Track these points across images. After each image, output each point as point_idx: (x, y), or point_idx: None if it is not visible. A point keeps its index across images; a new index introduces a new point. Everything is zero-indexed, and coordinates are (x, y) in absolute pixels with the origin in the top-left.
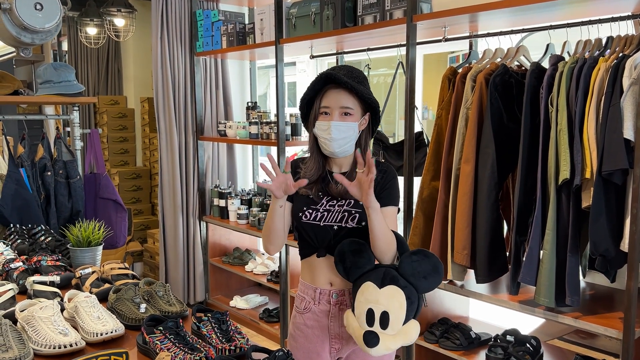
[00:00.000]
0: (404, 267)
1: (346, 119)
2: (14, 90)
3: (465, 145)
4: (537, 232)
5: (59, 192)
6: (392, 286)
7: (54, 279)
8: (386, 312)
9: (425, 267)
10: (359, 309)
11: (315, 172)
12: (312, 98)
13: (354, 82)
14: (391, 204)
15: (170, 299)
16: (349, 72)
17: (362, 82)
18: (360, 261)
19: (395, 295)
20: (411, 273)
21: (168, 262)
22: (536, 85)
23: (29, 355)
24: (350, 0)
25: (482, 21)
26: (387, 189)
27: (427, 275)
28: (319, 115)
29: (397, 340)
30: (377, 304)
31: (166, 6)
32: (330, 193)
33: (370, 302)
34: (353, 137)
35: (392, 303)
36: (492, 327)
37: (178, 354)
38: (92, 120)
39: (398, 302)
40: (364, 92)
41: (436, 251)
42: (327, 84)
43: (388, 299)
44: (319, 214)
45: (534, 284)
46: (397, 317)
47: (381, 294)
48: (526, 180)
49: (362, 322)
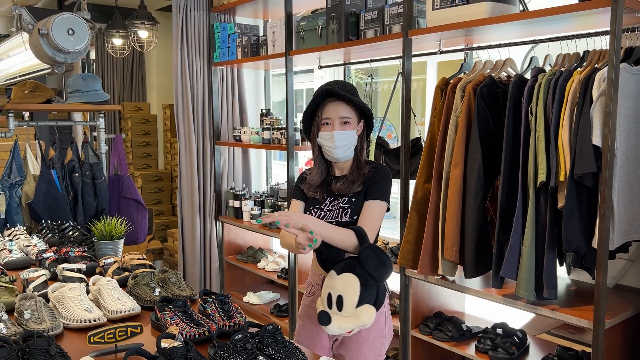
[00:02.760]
0: (361, 258)
1: (346, 128)
2: (47, 99)
3: (455, 150)
4: (517, 230)
5: (86, 191)
6: (348, 274)
7: (80, 266)
8: (341, 295)
9: (374, 262)
10: (322, 294)
11: (319, 177)
12: (313, 111)
13: (349, 94)
14: (375, 198)
15: (181, 285)
16: (343, 86)
17: (355, 93)
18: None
19: (350, 281)
20: (367, 264)
21: (186, 260)
22: (518, 95)
23: (59, 327)
24: (354, 15)
25: (475, 35)
26: (375, 185)
27: (378, 268)
28: (322, 126)
29: (350, 322)
30: (334, 288)
31: (186, 19)
32: (332, 194)
33: (329, 287)
34: (353, 143)
35: (346, 288)
36: (485, 322)
37: (185, 328)
38: (118, 126)
39: (352, 287)
40: (359, 102)
41: (428, 248)
42: (326, 98)
43: (343, 285)
44: (322, 213)
45: (515, 278)
46: (350, 301)
47: (338, 280)
48: (509, 182)
49: (324, 304)
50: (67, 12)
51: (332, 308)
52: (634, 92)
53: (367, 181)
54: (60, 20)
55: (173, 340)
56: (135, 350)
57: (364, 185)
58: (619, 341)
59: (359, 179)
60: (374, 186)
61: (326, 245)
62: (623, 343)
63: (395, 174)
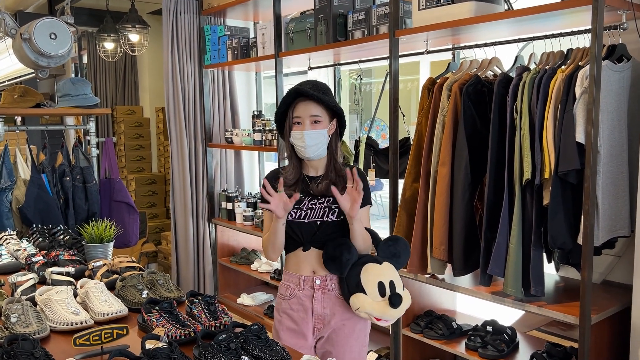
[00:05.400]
0: (382, 252)
1: (316, 127)
2: (37, 104)
3: (442, 149)
4: (504, 227)
5: (77, 195)
6: (386, 262)
7: (69, 270)
8: (392, 281)
9: (397, 248)
10: (370, 286)
11: (294, 176)
12: (284, 111)
13: (319, 94)
14: (367, 204)
15: (169, 287)
16: (315, 86)
17: (327, 92)
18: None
19: (392, 268)
20: (389, 255)
21: (180, 262)
22: (503, 93)
23: (45, 330)
24: (342, 16)
25: (462, 34)
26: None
27: (400, 253)
28: (293, 125)
29: (405, 303)
30: (383, 276)
31: (176, 22)
32: (311, 193)
33: (378, 276)
34: (324, 142)
35: (393, 273)
36: (476, 319)
37: (170, 329)
38: (111, 129)
39: (395, 273)
40: (329, 101)
41: (417, 247)
42: (297, 98)
43: (389, 271)
44: (303, 212)
45: (502, 276)
46: (399, 284)
47: (383, 268)
48: (495, 180)
49: (375, 295)
50: (49, 17)
51: (385, 295)
52: (616, 89)
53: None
54: (42, 24)
55: (158, 342)
56: (120, 351)
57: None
58: (605, 336)
59: (340, 181)
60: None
61: (343, 246)
62: (610, 338)
63: (385, 173)
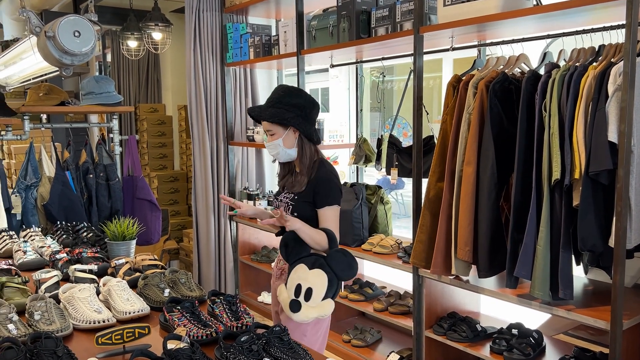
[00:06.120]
0: (330, 258)
1: (272, 139)
2: (61, 101)
3: (467, 148)
4: (532, 229)
5: (100, 192)
6: (319, 270)
7: (92, 267)
8: (311, 288)
9: (343, 263)
10: (290, 283)
11: (280, 173)
12: None
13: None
14: (325, 205)
15: (191, 286)
16: (269, 97)
17: (279, 101)
18: (298, 249)
19: (320, 276)
20: (334, 264)
21: (201, 260)
22: (532, 91)
23: (68, 328)
24: (365, 13)
25: (488, 31)
26: (319, 193)
27: (344, 269)
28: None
29: (315, 312)
30: (305, 280)
31: (199, 20)
32: (284, 187)
33: (301, 279)
34: (283, 148)
35: (316, 282)
36: (500, 322)
37: (192, 329)
38: (134, 127)
39: (321, 282)
40: (266, 116)
41: (441, 247)
42: None
43: (314, 278)
44: (278, 203)
45: (529, 278)
46: (318, 293)
47: (310, 274)
48: (523, 180)
49: (291, 293)
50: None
51: (299, 297)
52: None
53: (311, 186)
54: (66, 22)
55: (179, 342)
56: (142, 351)
57: (308, 187)
58: (637, 342)
59: (303, 180)
60: (320, 195)
61: (296, 239)
62: None
63: (408, 172)
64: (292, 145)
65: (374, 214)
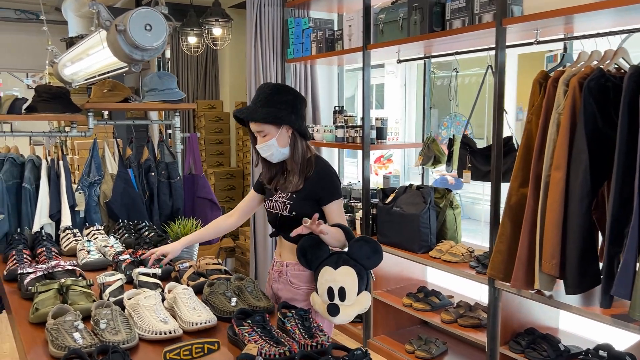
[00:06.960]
0: (351, 251)
1: (264, 140)
2: (124, 98)
3: (557, 151)
4: (633, 243)
5: (162, 191)
6: (344, 266)
7: (156, 271)
8: (342, 287)
9: (366, 250)
10: (321, 289)
11: (266, 175)
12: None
13: (248, 112)
14: (333, 200)
15: (258, 295)
16: (256, 97)
17: (269, 100)
18: (318, 253)
19: (349, 273)
20: (358, 255)
21: (258, 258)
22: (635, 89)
23: (134, 339)
24: (439, 4)
25: (577, 23)
26: (325, 188)
27: (370, 256)
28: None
29: (354, 309)
30: (334, 282)
31: (260, 15)
32: (277, 188)
33: (329, 281)
34: (278, 148)
35: (346, 279)
36: (583, 341)
37: (264, 347)
38: (192, 124)
39: (351, 278)
40: (259, 117)
41: (523, 260)
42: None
43: (343, 277)
44: (272, 204)
45: (629, 298)
46: (352, 290)
47: (337, 274)
48: (622, 189)
49: (325, 298)
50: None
51: (334, 300)
52: None
53: (312, 183)
54: (137, 15)
55: None
56: None
57: (306, 185)
58: None
59: (296, 178)
60: (326, 190)
61: (312, 245)
62: None
63: (482, 175)
64: (286, 144)
65: (443, 219)
